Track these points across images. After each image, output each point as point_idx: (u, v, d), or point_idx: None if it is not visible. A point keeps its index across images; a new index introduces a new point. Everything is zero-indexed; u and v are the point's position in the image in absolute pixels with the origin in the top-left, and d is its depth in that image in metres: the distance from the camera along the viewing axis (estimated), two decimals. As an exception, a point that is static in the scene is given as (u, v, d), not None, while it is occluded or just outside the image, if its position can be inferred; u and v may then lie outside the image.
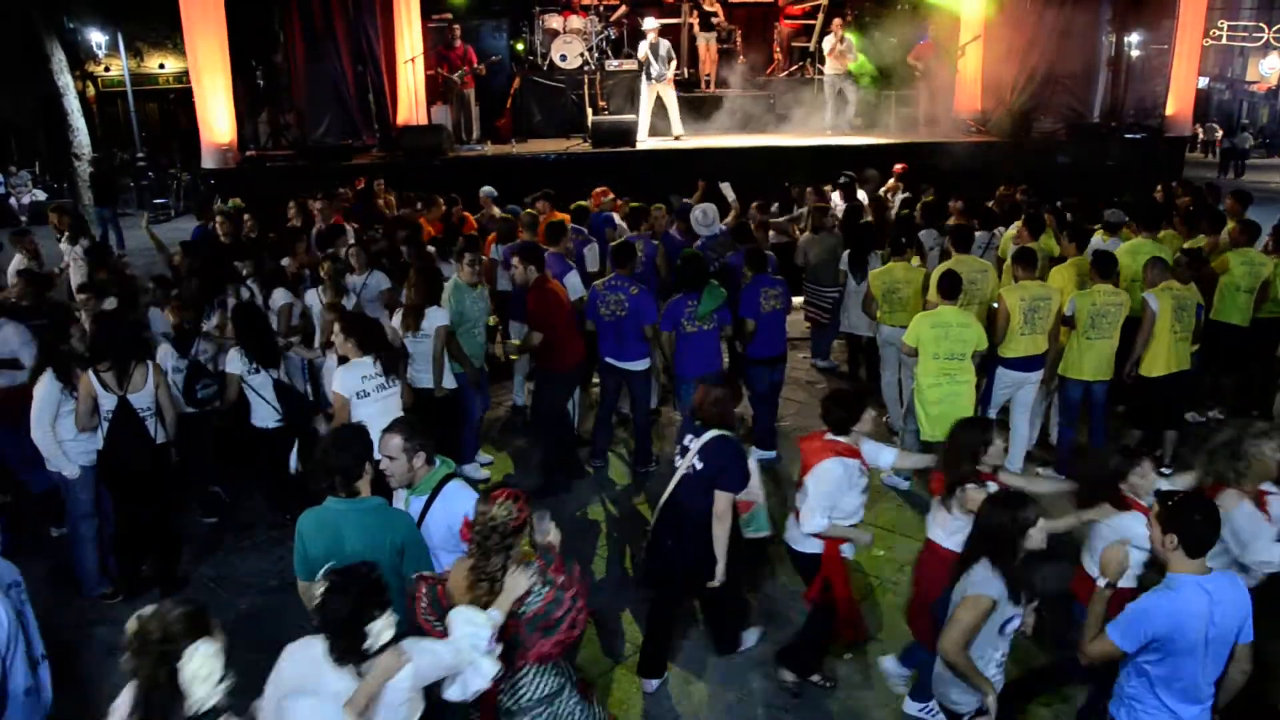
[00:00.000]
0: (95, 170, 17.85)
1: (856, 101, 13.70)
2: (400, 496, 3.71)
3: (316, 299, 6.53)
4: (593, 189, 9.44)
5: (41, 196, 19.36)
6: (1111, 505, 3.69)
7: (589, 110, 13.45)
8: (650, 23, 12.60)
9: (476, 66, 13.08)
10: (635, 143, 12.56)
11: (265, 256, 7.41)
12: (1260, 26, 32.23)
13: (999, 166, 12.07)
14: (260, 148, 13.42)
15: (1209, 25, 26.42)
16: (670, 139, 12.92)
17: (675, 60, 12.89)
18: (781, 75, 14.96)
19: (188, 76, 13.70)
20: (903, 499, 6.18)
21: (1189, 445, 6.46)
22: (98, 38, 22.47)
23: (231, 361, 5.56)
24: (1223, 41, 32.12)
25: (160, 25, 21.84)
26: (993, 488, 3.68)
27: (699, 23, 14.27)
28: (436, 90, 13.38)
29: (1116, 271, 6.27)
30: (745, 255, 6.76)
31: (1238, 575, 3.55)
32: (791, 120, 13.98)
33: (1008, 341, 6.10)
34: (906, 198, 9.91)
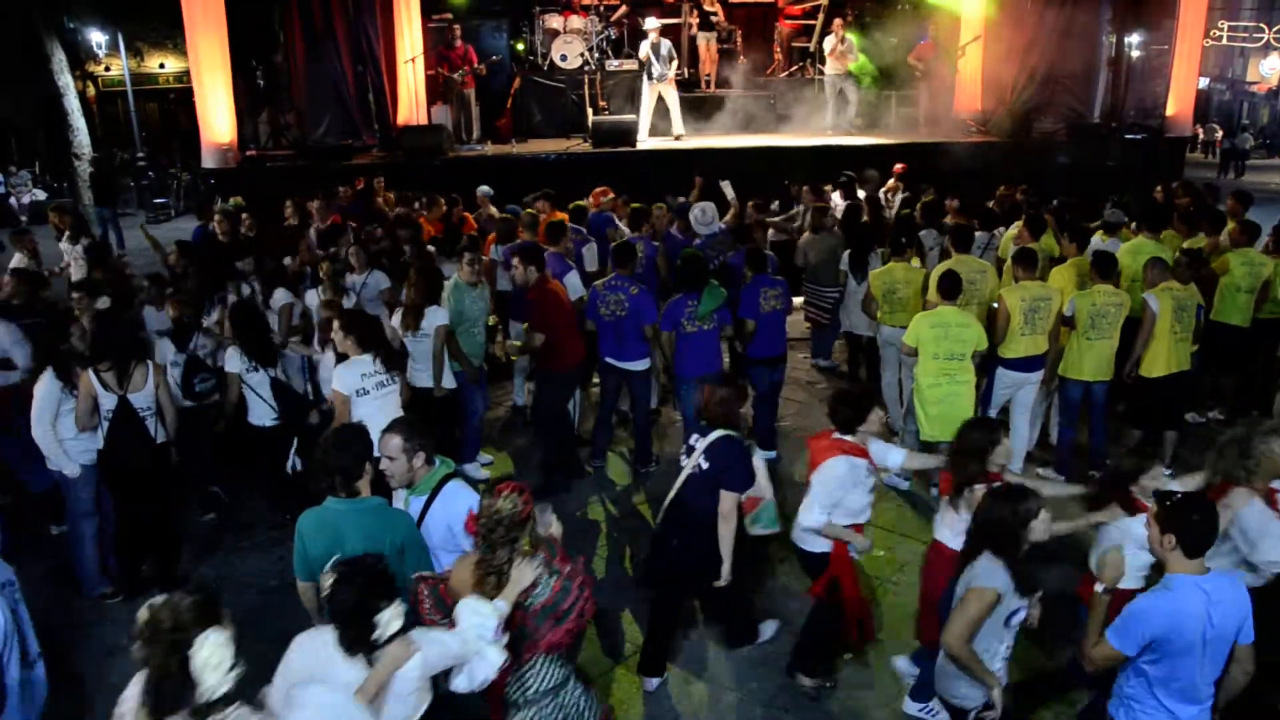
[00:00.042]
0: (95, 170, 17.86)
1: (857, 102, 13.70)
2: (400, 496, 3.71)
3: (317, 298, 6.52)
4: (593, 189, 9.44)
5: (41, 196, 19.35)
6: (1121, 507, 3.69)
7: (589, 110, 13.45)
8: (652, 22, 12.60)
9: (477, 66, 13.08)
10: (635, 143, 12.57)
11: (266, 256, 7.41)
12: (1260, 27, 32.23)
13: (999, 166, 12.07)
14: (260, 147, 13.43)
15: (1209, 26, 26.40)
16: (670, 139, 12.92)
17: (677, 60, 12.90)
18: (782, 75, 14.96)
19: (188, 76, 13.72)
20: (903, 499, 6.18)
21: (1189, 446, 6.47)
22: (98, 37, 22.47)
23: (230, 360, 5.57)
24: (1223, 42, 32.12)
25: (160, 25, 21.84)
26: None
27: (699, 22, 14.28)
28: (436, 90, 13.38)
29: (1117, 272, 6.27)
30: (746, 255, 6.77)
31: (1246, 574, 3.55)
32: (792, 120, 13.98)
33: (1008, 342, 6.10)
34: (906, 197, 9.91)
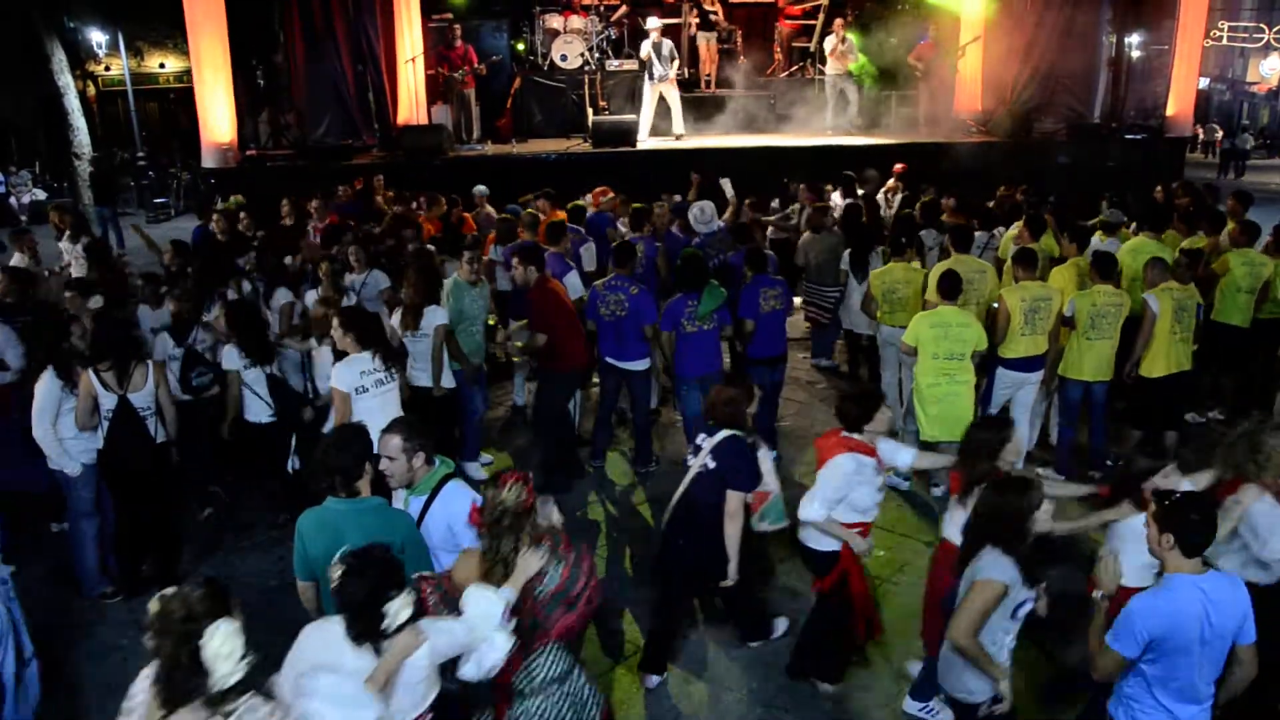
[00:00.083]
0: (95, 170, 17.84)
1: (858, 102, 13.70)
2: (400, 496, 3.71)
3: (317, 298, 6.51)
4: (593, 189, 9.44)
5: (41, 196, 19.33)
6: (1133, 506, 3.68)
7: (589, 110, 13.46)
8: (654, 22, 12.61)
9: (477, 66, 13.08)
10: (635, 143, 12.57)
11: (267, 254, 7.41)
12: (1261, 27, 32.23)
13: (999, 166, 12.08)
14: (260, 147, 13.43)
15: (1209, 26, 26.37)
16: (671, 139, 12.92)
17: (678, 60, 12.90)
18: (782, 75, 14.96)
19: (188, 76, 13.73)
20: (903, 499, 6.17)
21: (1189, 446, 6.45)
22: (98, 37, 22.45)
23: (228, 357, 5.56)
24: (1223, 42, 32.11)
25: (160, 25, 21.84)
26: None
27: (699, 22, 14.28)
28: (437, 90, 13.39)
29: (1117, 272, 6.27)
30: (746, 255, 6.77)
31: (1258, 572, 3.56)
32: (792, 120, 13.98)
33: (1008, 342, 6.10)
34: (906, 197, 9.91)
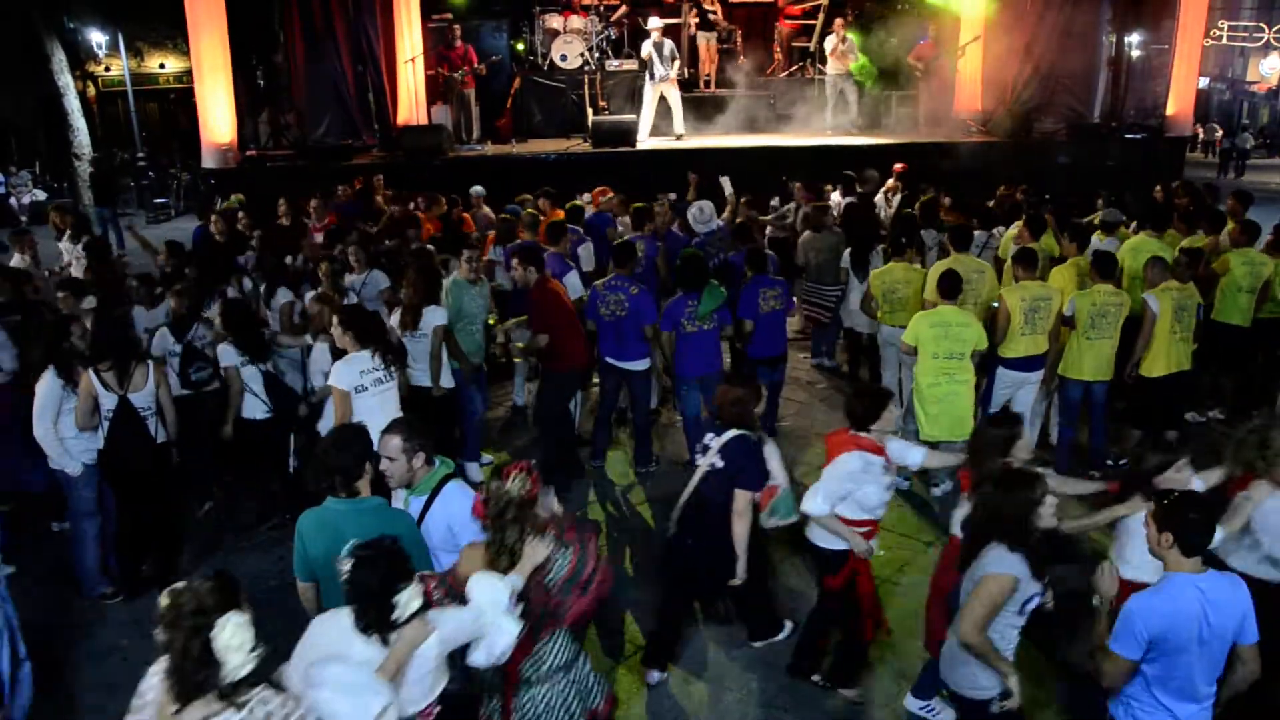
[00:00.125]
0: (95, 170, 17.85)
1: (858, 101, 13.70)
2: (400, 496, 3.71)
3: (316, 298, 6.52)
4: (593, 189, 9.44)
5: (41, 196, 19.32)
6: (1144, 499, 3.67)
7: (589, 110, 13.46)
8: (654, 22, 12.62)
9: (477, 66, 13.09)
10: (635, 143, 12.58)
11: (267, 254, 7.41)
12: (1260, 27, 32.22)
13: (999, 166, 12.10)
14: (260, 147, 13.44)
15: (1209, 25, 26.35)
16: (671, 138, 12.93)
17: (679, 60, 12.90)
18: (782, 75, 14.97)
19: (188, 76, 13.74)
20: (903, 499, 6.16)
21: (1190, 445, 6.45)
22: (98, 38, 22.45)
23: (225, 354, 5.56)
24: (1223, 42, 32.10)
25: (160, 25, 21.83)
26: None
27: (699, 22, 14.29)
28: (436, 90, 13.39)
29: (1117, 272, 6.27)
30: (746, 255, 6.76)
31: (1270, 569, 3.56)
32: (792, 120, 14.00)
33: (1008, 342, 6.10)
34: (906, 197, 9.91)
